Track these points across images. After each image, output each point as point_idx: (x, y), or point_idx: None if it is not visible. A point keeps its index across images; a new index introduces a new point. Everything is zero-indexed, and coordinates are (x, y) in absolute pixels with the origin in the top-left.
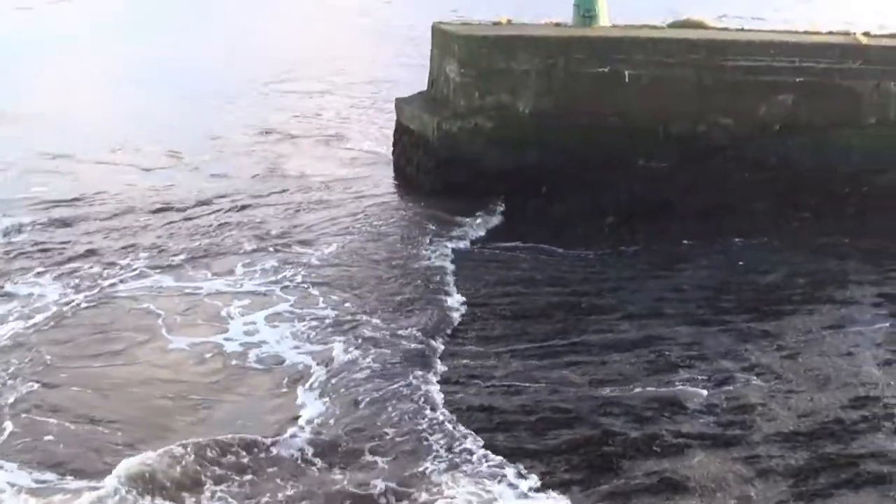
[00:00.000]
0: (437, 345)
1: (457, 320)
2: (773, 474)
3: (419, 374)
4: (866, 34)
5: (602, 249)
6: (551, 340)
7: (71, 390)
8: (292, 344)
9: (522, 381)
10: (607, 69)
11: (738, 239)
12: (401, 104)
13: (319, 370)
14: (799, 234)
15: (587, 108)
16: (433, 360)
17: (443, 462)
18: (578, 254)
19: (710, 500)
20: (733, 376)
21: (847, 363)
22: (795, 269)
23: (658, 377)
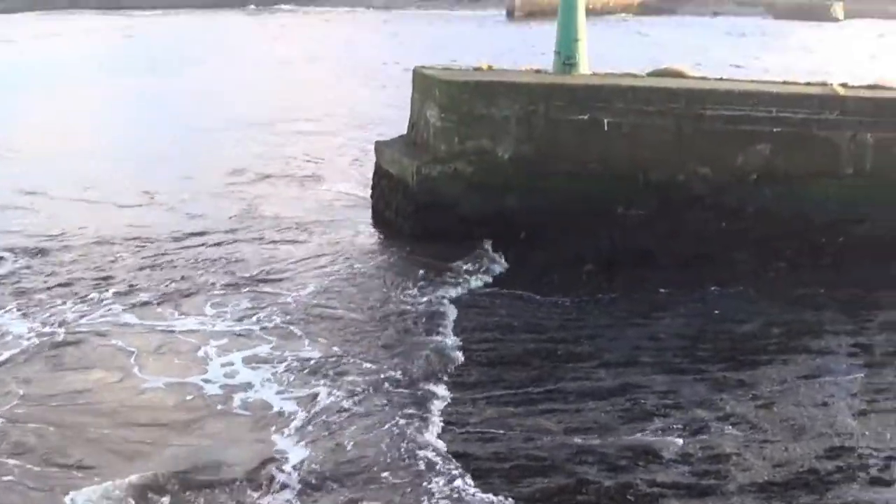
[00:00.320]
0: (418, 390)
1: (435, 366)
2: None
3: (401, 420)
4: (843, 85)
5: (580, 297)
6: (527, 387)
7: (38, 430)
8: (275, 386)
9: (497, 427)
10: (587, 117)
11: (715, 288)
12: (380, 147)
13: (302, 413)
14: (776, 284)
15: (567, 154)
16: (417, 405)
17: None
18: (556, 300)
19: None
20: (708, 425)
21: (822, 413)
22: (772, 318)
23: (633, 425)
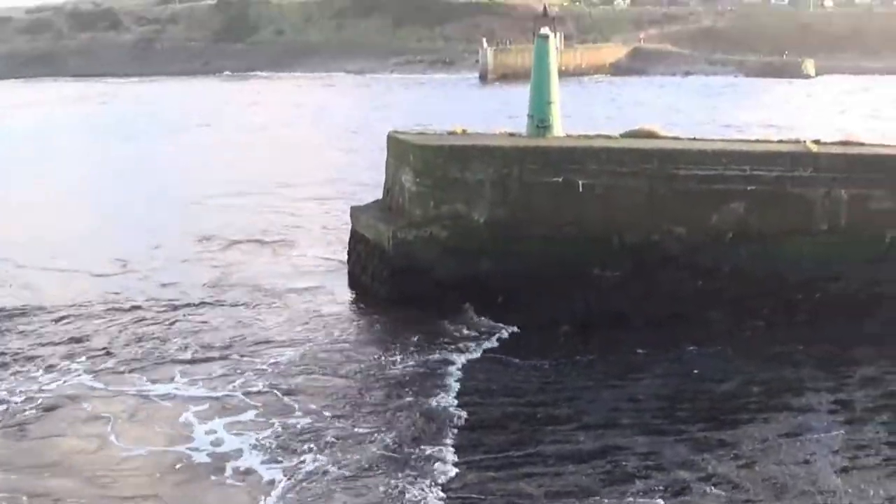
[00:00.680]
0: (400, 455)
1: (417, 431)
2: None
3: (381, 487)
4: (816, 142)
5: (557, 359)
6: (507, 451)
7: (12, 500)
8: (261, 455)
9: (478, 493)
10: (561, 179)
11: (692, 347)
12: (356, 213)
13: (290, 481)
14: (752, 343)
15: (542, 217)
16: (399, 470)
17: None
18: (534, 363)
19: None
20: (690, 486)
21: (804, 471)
22: (750, 377)
23: (615, 488)
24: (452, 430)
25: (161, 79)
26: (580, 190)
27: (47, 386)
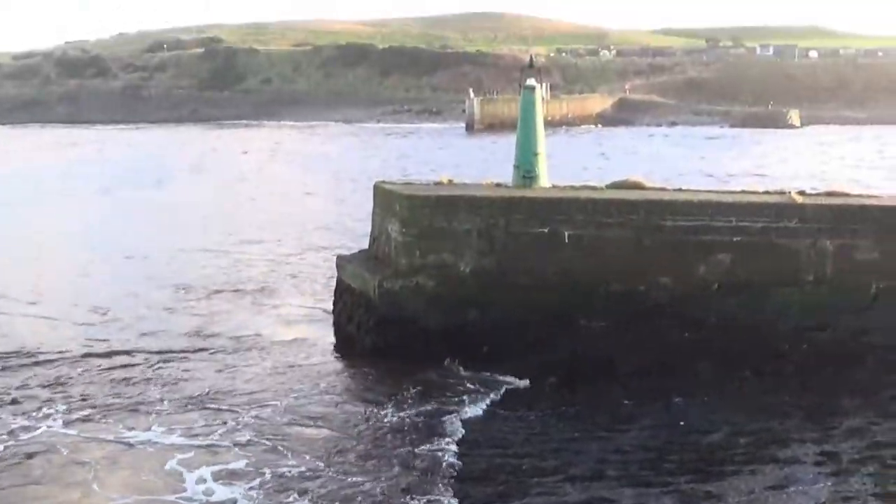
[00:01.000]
0: None
1: (403, 482)
2: None
3: None
4: (801, 193)
5: (544, 410)
6: (494, 503)
7: None
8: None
9: None
10: (548, 229)
11: (679, 398)
12: (342, 263)
13: None
14: (740, 393)
15: (528, 267)
16: None
17: None
18: (520, 414)
19: None
20: None
21: None
22: (737, 428)
23: None
24: (441, 481)
25: (148, 126)
26: (566, 240)
27: (24, 434)
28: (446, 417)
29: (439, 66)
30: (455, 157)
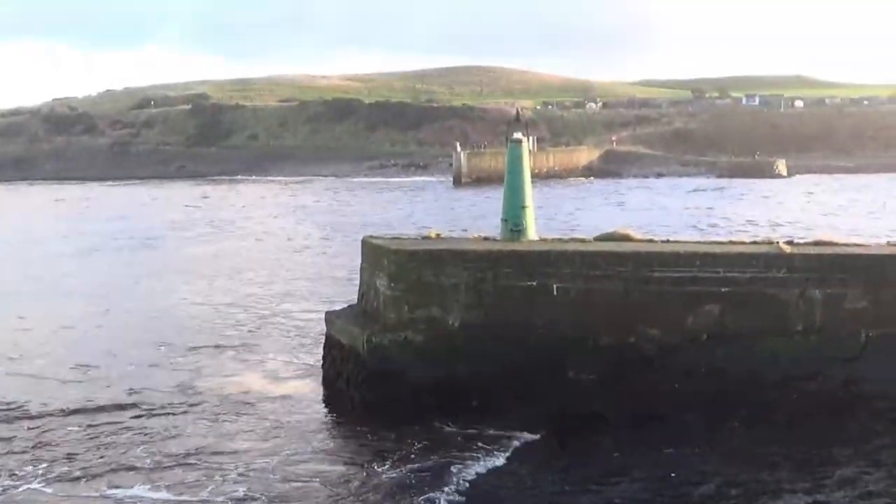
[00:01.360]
0: None
1: None
2: None
3: None
4: (789, 243)
5: (534, 463)
6: None
7: None
8: None
9: None
10: (536, 283)
11: (669, 450)
12: (331, 318)
13: None
14: (731, 444)
15: (517, 320)
16: None
17: None
18: (510, 468)
19: None
20: None
21: None
22: (728, 479)
23: None
24: None
25: (136, 183)
26: (555, 293)
27: (2, 495)
28: (435, 473)
29: (425, 120)
30: (443, 211)
